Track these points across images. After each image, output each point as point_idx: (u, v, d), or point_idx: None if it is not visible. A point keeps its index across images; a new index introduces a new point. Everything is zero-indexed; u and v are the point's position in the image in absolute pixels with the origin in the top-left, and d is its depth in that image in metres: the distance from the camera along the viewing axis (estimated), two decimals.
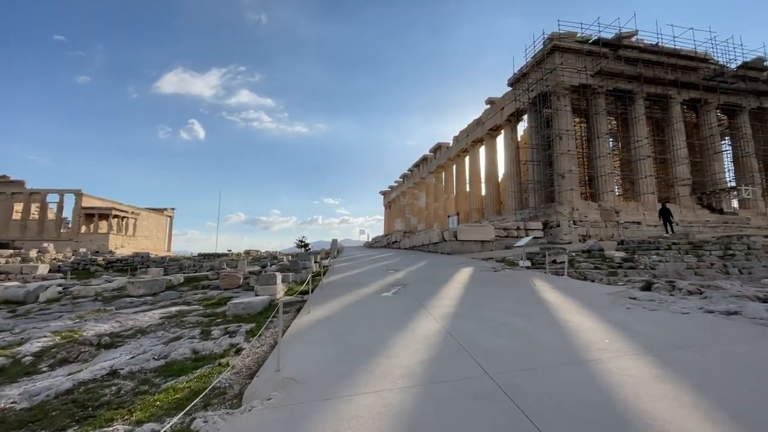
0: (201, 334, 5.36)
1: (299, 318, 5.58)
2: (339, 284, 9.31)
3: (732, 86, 29.16)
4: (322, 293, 7.94)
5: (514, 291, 7.21)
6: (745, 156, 29.96)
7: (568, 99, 27.07)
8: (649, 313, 5.01)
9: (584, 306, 5.55)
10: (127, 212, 45.81)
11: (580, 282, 8.53)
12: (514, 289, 7.39)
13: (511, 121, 33.17)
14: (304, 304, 6.82)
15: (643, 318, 4.76)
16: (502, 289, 7.42)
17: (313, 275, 12.47)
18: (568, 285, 7.77)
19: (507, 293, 7.00)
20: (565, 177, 25.75)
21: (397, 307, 6.08)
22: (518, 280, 8.86)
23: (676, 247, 13.43)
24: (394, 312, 5.62)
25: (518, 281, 8.59)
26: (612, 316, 4.89)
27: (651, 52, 28.08)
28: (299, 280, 10.49)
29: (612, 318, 4.76)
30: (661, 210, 21.24)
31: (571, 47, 26.70)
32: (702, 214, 27.45)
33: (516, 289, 7.40)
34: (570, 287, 7.47)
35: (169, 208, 61.87)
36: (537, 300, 6.18)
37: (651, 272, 10.97)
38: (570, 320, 4.69)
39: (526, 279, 8.88)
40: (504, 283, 8.47)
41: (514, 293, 6.96)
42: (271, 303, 7.22)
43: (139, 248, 50.42)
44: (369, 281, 9.58)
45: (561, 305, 5.66)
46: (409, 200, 59.87)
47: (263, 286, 7.72)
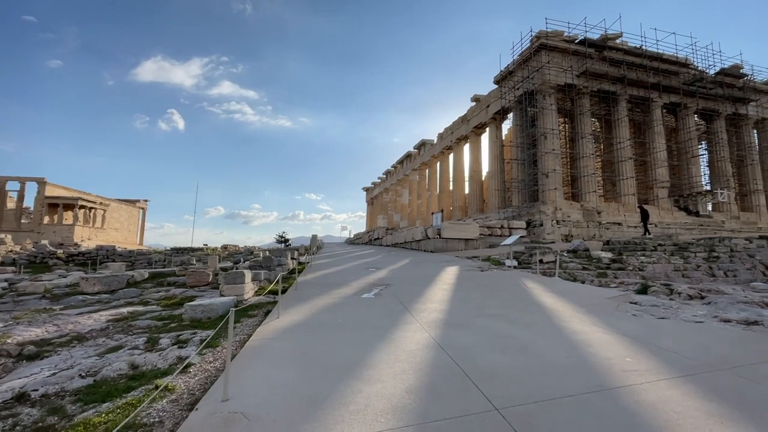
0: (147, 343, 4.50)
1: (265, 325, 4.79)
2: (315, 283, 8.53)
3: (710, 92, 29.76)
4: (295, 294, 7.15)
5: (506, 294, 6.62)
6: (721, 160, 30.69)
7: (554, 98, 26.96)
8: (660, 323, 4.48)
9: (588, 312, 5.00)
10: (95, 203, 43.29)
11: (574, 284, 8.05)
12: (507, 292, 6.80)
13: (496, 119, 32.93)
14: (273, 307, 6.03)
15: (657, 328, 4.22)
16: (494, 292, 6.82)
17: (288, 273, 11.62)
18: (564, 288, 7.25)
19: (499, 296, 6.41)
20: (549, 176, 25.64)
21: (379, 311, 5.37)
22: (508, 281, 8.31)
23: (661, 248, 13.26)
24: (376, 318, 4.91)
25: (509, 282, 8.03)
26: (622, 325, 4.34)
27: (635, 55, 28.28)
28: (273, 278, 9.64)
29: (623, 328, 4.20)
30: (641, 212, 21.35)
31: (557, 46, 26.55)
32: (679, 216, 27.95)
33: (508, 292, 6.82)
34: (565, 290, 6.94)
35: (142, 200, 59.10)
36: (534, 305, 5.60)
37: (640, 273, 10.67)
38: (577, 330, 4.10)
39: (516, 280, 8.34)
40: (494, 284, 7.89)
41: (507, 296, 6.37)
42: (238, 305, 6.39)
43: (108, 241, 47.85)
44: (348, 280, 8.84)
45: (562, 311, 5.08)
46: (392, 197, 59.29)
47: (230, 286, 6.86)
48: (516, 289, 7.04)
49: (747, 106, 31.83)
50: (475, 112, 35.67)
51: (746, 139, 32.13)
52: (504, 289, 7.08)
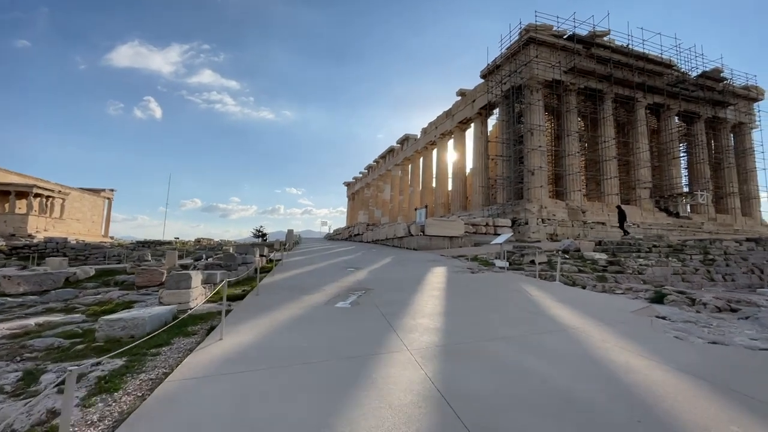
0: (20, 381, 3.15)
1: (199, 352, 3.51)
2: (283, 287, 7.24)
3: (692, 94, 29.91)
4: (255, 301, 5.86)
5: (510, 304, 5.56)
6: (700, 163, 31.01)
7: (541, 94, 26.35)
8: (718, 350, 3.49)
9: (620, 334, 3.97)
10: (53, 191, 40.00)
11: (580, 291, 7.08)
12: (510, 301, 5.74)
13: (481, 114, 32.16)
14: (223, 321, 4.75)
15: (721, 359, 3.22)
16: (495, 301, 5.74)
17: (255, 272, 10.24)
18: (571, 295, 6.26)
19: (503, 307, 5.33)
20: (534, 174, 25.03)
21: (356, 329, 4.18)
22: (506, 286, 7.27)
23: (656, 250, 12.63)
24: (351, 341, 3.71)
25: (507, 288, 6.98)
26: (675, 355, 3.31)
27: (621, 53, 28.01)
28: (236, 279, 8.29)
29: (678, 359, 3.17)
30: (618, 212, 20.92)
31: (546, 40, 25.90)
32: (660, 217, 27.99)
33: (511, 301, 5.76)
34: (575, 299, 5.95)
35: (108, 189, 55.53)
36: (549, 320, 4.54)
37: (640, 277, 9.90)
38: (623, 364, 3.04)
39: (515, 285, 7.31)
40: (491, 290, 6.83)
41: (512, 308, 5.29)
42: (177, 317, 5.06)
43: (68, 233, 44.51)
44: (323, 283, 7.59)
45: (588, 332, 4.03)
46: (374, 192, 58.07)
47: (171, 291, 5.51)
48: (519, 298, 5.99)
49: (726, 109, 32.28)
50: (460, 107, 34.81)
51: (724, 143, 32.62)
52: (505, 298, 6.01)
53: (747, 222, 31.29)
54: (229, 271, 8.00)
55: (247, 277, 9.16)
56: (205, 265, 8.29)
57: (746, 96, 32.97)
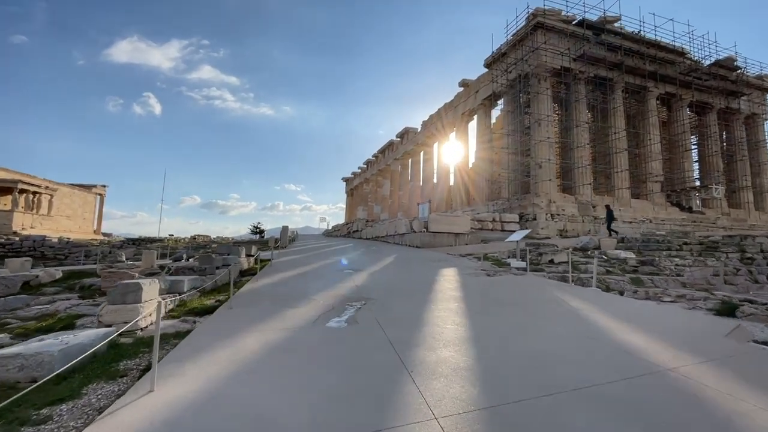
0: None
1: (105, 421, 2.25)
2: (266, 295, 5.98)
3: (705, 83, 28.60)
4: (226, 318, 4.60)
5: (551, 321, 4.30)
6: (712, 155, 29.75)
7: (549, 82, 25.02)
8: None
9: (738, 377, 2.73)
10: (40, 187, 38.52)
11: (625, 299, 5.82)
12: (549, 317, 4.48)
13: (485, 105, 30.81)
14: (173, 349, 3.49)
15: None
16: (531, 317, 4.48)
17: (239, 275, 8.99)
18: (626, 307, 5.01)
19: (544, 326, 4.08)
20: (542, 167, 23.75)
21: (353, 371, 2.91)
22: (535, 293, 6.02)
23: (687, 248, 11.41)
24: (346, 398, 2.45)
25: (537, 296, 5.74)
26: None
27: (632, 40, 26.65)
28: (213, 285, 7.02)
29: None
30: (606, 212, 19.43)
31: (555, 26, 24.53)
32: (673, 212, 26.78)
33: (551, 317, 4.50)
34: (629, 312, 4.70)
35: (99, 185, 54.01)
36: (618, 353, 3.28)
37: (678, 279, 8.66)
38: None
39: (544, 291, 6.07)
40: (519, 299, 5.57)
41: (556, 326, 4.04)
42: (116, 342, 3.79)
43: (58, 230, 43.10)
44: (314, 290, 6.33)
45: (690, 375, 2.78)
46: (373, 188, 56.77)
47: (115, 307, 4.24)
48: (559, 312, 4.74)
49: (739, 100, 30.98)
50: (463, 98, 33.46)
51: (736, 134, 31.34)
52: (543, 312, 4.75)
53: (761, 217, 30.11)
54: (203, 276, 6.72)
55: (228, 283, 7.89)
56: (175, 270, 7.02)
57: (760, 86, 31.67)
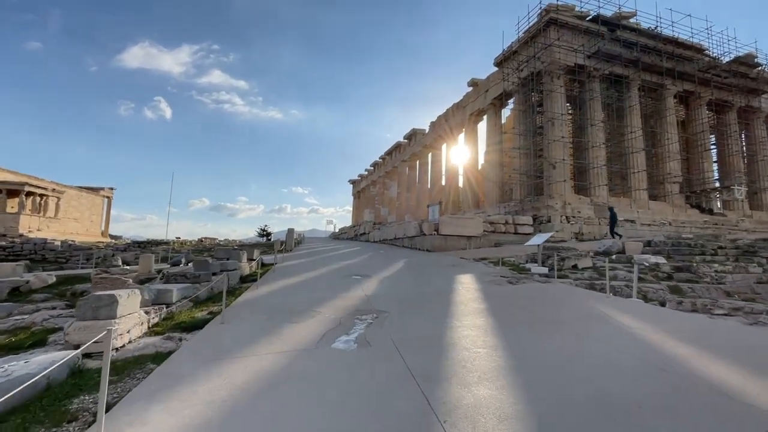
0: None
1: None
2: (265, 307, 5.34)
3: (725, 81, 27.52)
4: (216, 336, 3.96)
5: (605, 346, 3.58)
6: (733, 155, 28.61)
7: (562, 80, 24.20)
8: None
9: None
10: (47, 189, 38.52)
11: (678, 314, 5.07)
12: (599, 339, 3.76)
13: (495, 105, 30.04)
14: (143, 381, 2.85)
15: None
16: (578, 340, 3.76)
17: (239, 281, 8.37)
18: (688, 325, 4.27)
19: (599, 354, 3.36)
20: (556, 167, 22.90)
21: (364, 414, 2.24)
22: (571, 305, 5.29)
23: (722, 252, 10.55)
24: None
25: (575, 309, 5.01)
26: None
27: (648, 37, 25.74)
28: (208, 294, 6.41)
29: None
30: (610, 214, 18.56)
31: (568, 22, 23.73)
32: (693, 214, 25.71)
33: (601, 338, 3.78)
34: (693, 331, 3.97)
35: (107, 188, 54.13)
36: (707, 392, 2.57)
37: (720, 287, 7.85)
38: None
39: (581, 303, 5.34)
40: (556, 313, 4.85)
41: (615, 351, 3.33)
42: (81, 368, 3.16)
43: (65, 232, 43.12)
44: (319, 300, 5.68)
45: None
46: (380, 190, 56.14)
47: (85, 323, 3.63)
48: (611, 332, 4.01)
49: (759, 98, 29.84)
50: (472, 98, 32.72)
51: (757, 133, 30.15)
52: (588, 330, 4.02)
53: None
54: (198, 284, 6.10)
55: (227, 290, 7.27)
56: (167, 277, 6.41)
57: None
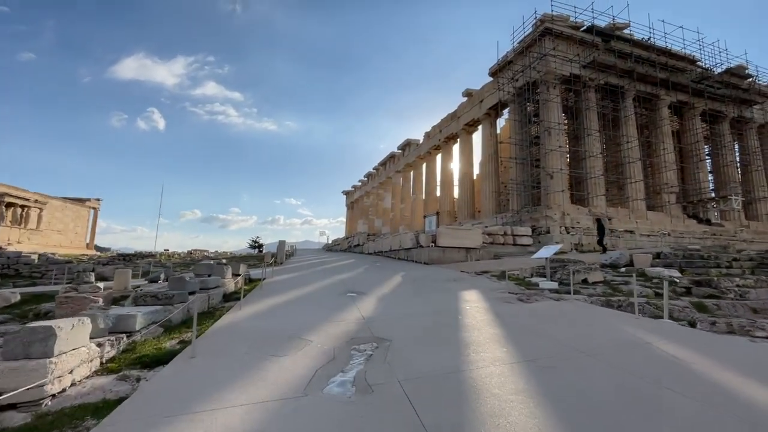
0: None
1: None
2: (246, 334, 4.57)
3: (718, 91, 27.68)
4: (182, 375, 3.20)
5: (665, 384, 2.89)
6: (728, 165, 28.63)
7: (558, 90, 24.04)
8: None
9: None
10: (29, 200, 37.17)
11: (723, 337, 4.41)
12: (654, 378, 3.07)
13: (490, 115, 29.82)
14: None
15: None
16: (627, 376, 3.08)
17: (223, 299, 7.58)
18: (739, 352, 3.62)
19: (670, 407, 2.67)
20: (554, 177, 22.52)
21: None
22: (600, 329, 4.61)
23: (737, 264, 10.02)
24: None
25: (608, 335, 4.33)
26: None
27: (642, 47, 25.83)
28: (183, 317, 5.63)
29: None
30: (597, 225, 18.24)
31: (563, 32, 23.68)
32: (691, 225, 25.45)
33: (656, 376, 3.10)
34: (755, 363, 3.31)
35: (93, 199, 52.70)
36: None
37: (743, 302, 7.25)
38: None
39: (610, 326, 4.67)
40: (586, 340, 4.15)
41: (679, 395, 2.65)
42: None
43: (47, 245, 41.61)
44: (309, 324, 4.94)
45: None
46: (374, 201, 55.54)
47: (13, 363, 2.87)
48: (661, 364, 3.33)
49: (752, 108, 30.08)
50: (467, 108, 32.50)
51: (750, 144, 30.29)
52: (639, 368, 3.34)
53: None
54: (170, 306, 5.32)
55: (206, 311, 6.48)
56: (134, 298, 5.62)
57: None
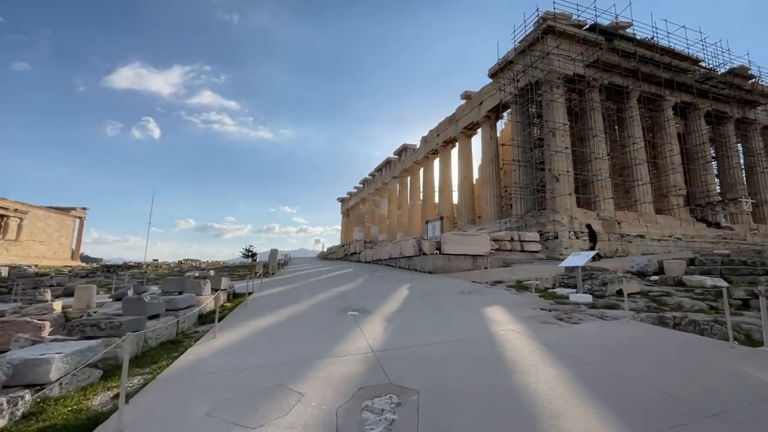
0: None
1: None
2: (213, 381, 3.29)
3: (722, 92, 27.05)
4: None
5: None
6: (733, 167, 27.91)
7: (562, 90, 23.18)
8: None
9: None
10: (7, 209, 35.36)
11: None
12: None
13: (490, 118, 28.93)
14: None
15: None
16: None
17: (198, 321, 6.27)
18: None
19: None
20: (560, 180, 21.51)
21: None
22: (705, 368, 3.40)
23: None
24: None
25: (721, 378, 3.12)
26: None
27: (646, 47, 25.15)
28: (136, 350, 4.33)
29: None
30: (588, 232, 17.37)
31: (566, 30, 22.89)
32: (701, 228, 24.53)
33: None
34: None
35: (79, 208, 50.81)
36: None
37: None
38: None
39: (708, 361, 3.47)
40: (696, 391, 2.93)
41: None
42: None
43: (28, 256, 39.68)
44: (300, 363, 3.67)
45: None
46: (370, 207, 54.33)
47: None
48: None
49: (755, 109, 29.52)
50: (466, 111, 31.59)
51: (755, 145, 29.67)
52: None
53: None
54: (115, 338, 4.03)
55: (174, 339, 5.17)
56: (69, 329, 4.32)
57: None
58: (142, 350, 4.52)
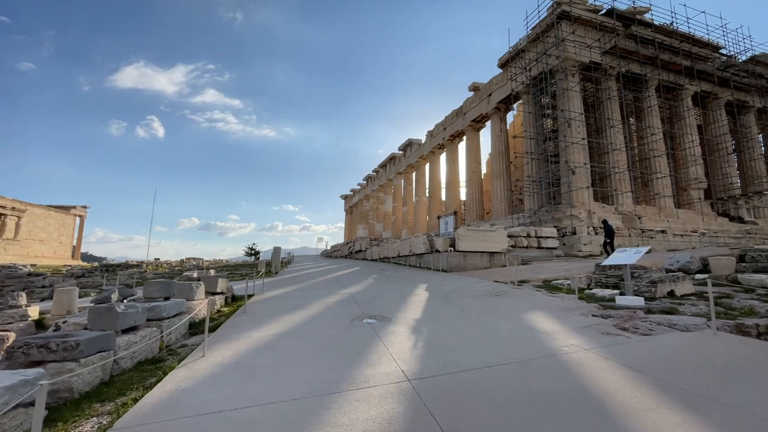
0: None
1: None
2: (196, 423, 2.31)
3: (743, 81, 25.81)
4: None
5: None
6: (755, 159, 26.68)
7: (578, 78, 22.04)
8: None
9: None
10: (5, 207, 34.65)
11: None
12: None
13: (500, 110, 27.79)
14: None
15: None
16: None
17: (188, 331, 5.34)
18: None
19: None
20: (577, 173, 20.43)
21: None
22: None
23: None
24: None
25: None
26: None
27: (665, 33, 23.92)
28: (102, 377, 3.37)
29: None
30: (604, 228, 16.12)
31: (581, 16, 21.72)
32: (723, 223, 23.39)
33: None
34: None
35: (80, 206, 50.11)
36: None
37: None
38: None
39: None
40: None
41: None
42: None
43: (27, 255, 39.01)
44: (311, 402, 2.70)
45: None
46: (374, 204, 53.31)
47: None
48: None
49: None
50: (474, 103, 30.47)
51: None
52: None
53: None
54: (70, 362, 3.10)
55: (156, 356, 4.23)
56: (8, 353, 3.37)
57: None
58: (112, 374, 3.57)
